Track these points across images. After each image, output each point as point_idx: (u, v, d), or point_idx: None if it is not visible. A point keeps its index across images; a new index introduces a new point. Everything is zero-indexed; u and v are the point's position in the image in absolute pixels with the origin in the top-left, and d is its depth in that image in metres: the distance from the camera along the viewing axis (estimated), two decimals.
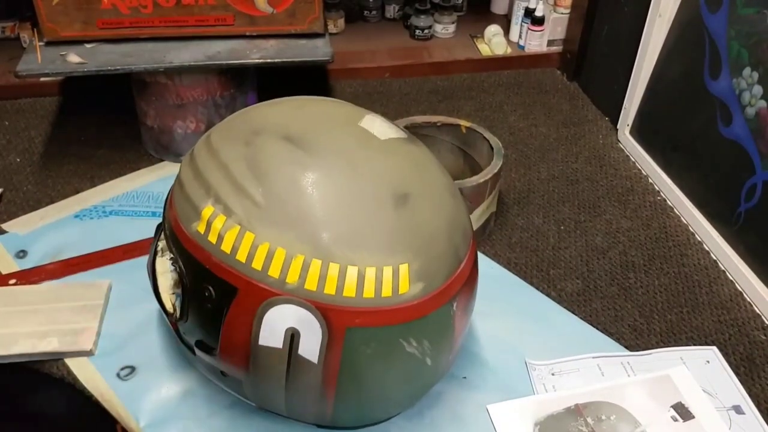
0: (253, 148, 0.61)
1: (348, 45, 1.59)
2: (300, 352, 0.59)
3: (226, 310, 0.59)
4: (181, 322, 0.67)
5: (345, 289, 0.56)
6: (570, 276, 1.00)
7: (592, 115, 1.41)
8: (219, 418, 0.75)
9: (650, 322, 0.93)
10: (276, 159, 0.60)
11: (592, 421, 0.76)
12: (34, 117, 1.34)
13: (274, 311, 0.57)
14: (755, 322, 0.93)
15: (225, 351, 0.62)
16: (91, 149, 1.24)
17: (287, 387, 0.61)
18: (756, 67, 0.98)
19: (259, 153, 0.61)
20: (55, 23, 1.10)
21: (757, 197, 0.97)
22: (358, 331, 0.58)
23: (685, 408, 0.78)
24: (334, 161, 0.61)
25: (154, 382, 0.79)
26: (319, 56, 1.14)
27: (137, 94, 1.19)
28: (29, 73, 1.09)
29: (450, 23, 1.65)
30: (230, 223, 0.58)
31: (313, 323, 0.57)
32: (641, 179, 1.22)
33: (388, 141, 0.65)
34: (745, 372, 0.86)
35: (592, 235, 1.08)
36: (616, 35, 1.38)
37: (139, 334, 0.84)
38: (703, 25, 1.09)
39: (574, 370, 0.83)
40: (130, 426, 0.74)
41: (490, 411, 0.77)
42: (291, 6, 1.13)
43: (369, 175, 0.61)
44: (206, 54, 1.11)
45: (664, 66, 1.21)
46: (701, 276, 1.01)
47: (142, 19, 1.11)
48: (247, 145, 0.62)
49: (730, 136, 1.03)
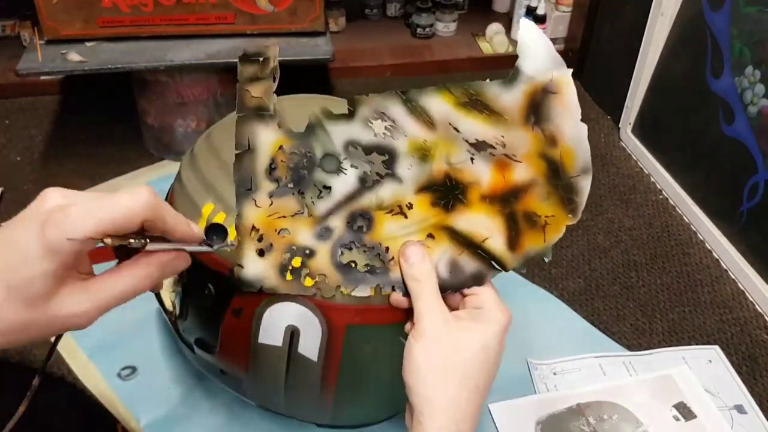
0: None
1: (349, 43, 1.58)
2: (300, 350, 0.58)
3: (226, 308, 0.58)
4: (181, 320, 0.67)
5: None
6: (572, 275, 1.00)
7: (594, 113, 1.41)
8: (219, 417, 0.75)
9: (652, 322, 0.93)
10: None
11: (593, 421, 0.76)
12: (34, 116, 1.34)
13: (273, 309, 0.57)
14: (757, 321, 0.93)
15: (224, 349, 0.62)
16: (92, 148, 1.24)
17: (287, 385, 0.61)
18: (758, 65, 0.97)
19: None
20: (55, 22, 1.10)
21: (760, 196, 0.97)
22: (359, 329, 0.57)
23: (687, 407, 0.78)
24: None
25: (154, 381, 0.79)
26: (320, 55, 1.14)
27: (138, 92, 1.19)
28: (30, 71, 1.09)
29: (451, 21, 1.65)
30: (230, 220, 0.58)
31: (313, 321, 0.57)
32: (643, 178, 1.22)
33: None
34: (747, 371, 0.85)
35: (593, 234, 1.08)
36: (618, 34, 1.37)
37: (139, 334, 0.84)
38: (705, 24, 1.08)
39: (576, 369, 0.83)
40: (131, 426, 0.74)
41: (491, 410, 0.77)
42: (292, 4, 1.13)
43: None
44: (207, 53, 1.11)
45: (666, 65, 1.20)
46: (703, 275, 1.01)
47: (143, 17, 1.11)
48: None
49: (732, 135, 1.02)
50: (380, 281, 0.55)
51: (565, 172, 0.55)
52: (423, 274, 0.53)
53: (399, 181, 0.55)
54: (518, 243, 0.55)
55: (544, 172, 0.55)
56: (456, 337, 0.52)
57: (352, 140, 0.55)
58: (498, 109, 0.54)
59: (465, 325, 0.52)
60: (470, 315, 0.54)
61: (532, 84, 0.53)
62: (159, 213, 0.42)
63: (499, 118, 0.54)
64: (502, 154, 0.54)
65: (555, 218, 0.55)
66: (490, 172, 0.55)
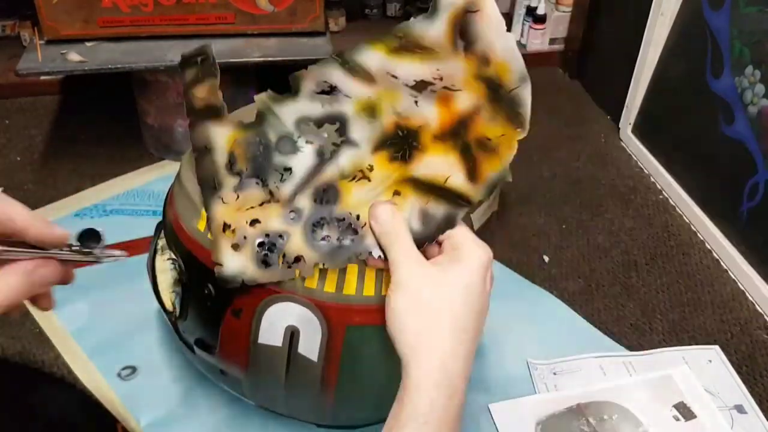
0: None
1: (349, 43, 1.57)
2: (300, 350, 0.58)
3: (226, 308, 0.58)
4: (181, 320, 0.67)
5: (345, 287, 0.56)
6: (572, 275, 1.00)
7: (594, 113, 1.41)
8: (219, 417, 0.75)
9: (652, 322, 0.92)
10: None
11: (594, 421, 0.76)
12: (34, 116, 1.34)
13: (274, 309, 0.57)
14: (757, 321, 0.93)
15: (224, 349, 0.62)
16: (92, 148, 1.24)
17: (287, 385, 0.61)
18: (758, 65, 0.97)
19: None
20: (55, 22, 1.10)
21: (760, 196, 0.97)
22: (358, 330, 0.57)
23: (687, 407, 0.78)
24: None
25: (154, 381, 0.79)
26: (320, 55, 1.13)
27: (138, 92, 1.19)
28: (30, 71, 1.08)
29: None
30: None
31: (313, 321, 0.57)
32: (643, 178, 1.22)
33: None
34: (747, 371, 0.85)
35: (594, 234, 1.08)
36: (618, 34, 1.37)
37: (139, 334, 0.84)
38: (705, 24, 1.08)
39: (576, 369, 0.83)
40: (131, 426, 0.74)
41: (491, 410, 0.77)
42: (292, 4, 1.13)
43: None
44: None
45: (666, 64, 1.20)
46: (703, 275, 1.00)
47: (143, 17, 1.11)
48: None
49: (732, 135, 1.02)
50: (356, 249, 0.55)
51: (504, 87, 0.54)
52: (393, 226, 0.53)
53: (355, 146, 0.55)
54: (477, 172, 0.55)
55: (485, 93, 0.54)
56: (435, 280, 0.50)
57: (303, 117, 0.55)
58: (427, 44, 0.54)
59: (444, 267, 0.51)
60: (448, 257, 0.52)
61: (453, 10, 0.53)
62: (10, 223, 0.39)
63: (431, 52, 0.54)
64: (442, 88, 0.54)
65: (505, 136, 0.55)
66: (436, 109, 0.55)
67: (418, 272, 0.51)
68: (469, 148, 0.55)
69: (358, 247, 0.55)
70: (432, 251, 0.55)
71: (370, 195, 0.55)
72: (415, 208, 0.55)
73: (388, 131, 0.55)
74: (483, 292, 0.51)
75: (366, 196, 0.55)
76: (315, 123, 0.55)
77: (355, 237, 0.55)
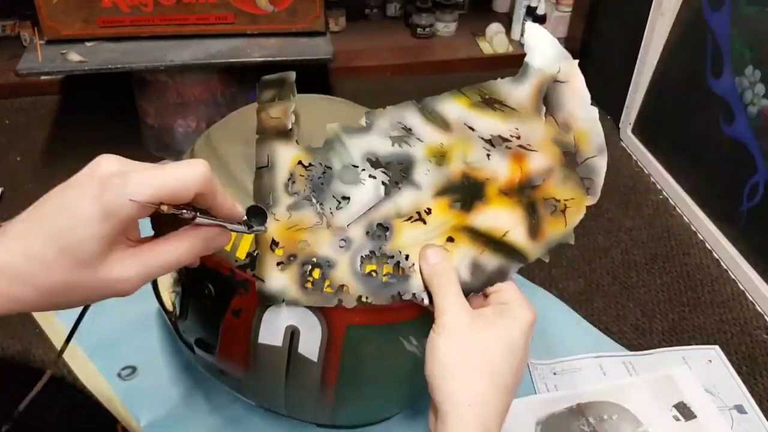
0: (253, 147, 0.61)
1: (349, 43, 1.58)
2: (300, 350, 0.58)
3: (226, 308, 0.58)
4: (181, 320, 0.67)
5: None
6: (572, 275, 1.00)
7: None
8: (219, 417, 0.75)
9: (652, 322, 0.92)
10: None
11: (593, 421, 0.76)
12: (34, 116, 1.34)
13: (274, 309, 0.57)
14: (757, 321, 0.93)
15: (224, 349, 0.62)
16: (92, 148, 1.22)
17: (287, 385, 0.61)
18: (758, 65, 0.97)
19: None
20: (55, 22, 1.10)
21: (760, 196, 0.97)
22: (359, 329, 0.57)
23: (687, 408, 0.78)
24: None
25: (154, 381, 0.78)
26: (320, 55, 1.14)
27: (138, 92, 1.19)
28: (30, 71, 1.09)
29: (451, 21, 1.65)
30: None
31: (313, 321, 0.57)
32: (643, 178, 1.22)
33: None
34: (747, 371, 0.85)
35: (593, 234, 1.08)
36: (618, 34, 1.37)
37: (139, 334, 0.84)
38: (705, 24, 1.08)
39: (576, 369, 0.83)
40: (131, 426, 0.74)
41: None
42: (292, 4, 1.13)
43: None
44: (207, 52, 1.11)
45: (666, 65, 1.20)
46: (703, 275, 1.01)
47: (143, 17, 1.11)
48: (246, 144, 0.61)
49: (732, 135, 1.02)
50: (401, 288, 0.54)
51: (581, 154, 0.56)
52: (444, 269, 0.52)
53: (417, 187, 0.55)
54: (539, 231, 0.56)
55: (559, 157, 0.56)
56: (481, 333, 0.50)
57: (371, 152, 0.55)
58: (511, 104, 0.55)
59: (490, 320, 0.51)
60: (495, 311, 0.52)
61: (541, 77, 0.54)
62: (211, 187, 0.43)
63: (513, 112, 0.55)
64: (518, 146, 0.55)
65: (574, 200, 0.56)
66: (507, 165, 0.55)
67: (465, 321, 0.50)
68: (535, 206, 0.55)
69: (403, 287, 0.54)
70: (477, 303, 0.54)
71: (423, 237, 0.55)
72: (467, 258, 0.55)
73: (453, 178, 0.55)
74: (525, 351, 0.51)
75: (419, 238, 0.55)
76: (382, 160, 0.55)
77: (401, 276, 0.54)
